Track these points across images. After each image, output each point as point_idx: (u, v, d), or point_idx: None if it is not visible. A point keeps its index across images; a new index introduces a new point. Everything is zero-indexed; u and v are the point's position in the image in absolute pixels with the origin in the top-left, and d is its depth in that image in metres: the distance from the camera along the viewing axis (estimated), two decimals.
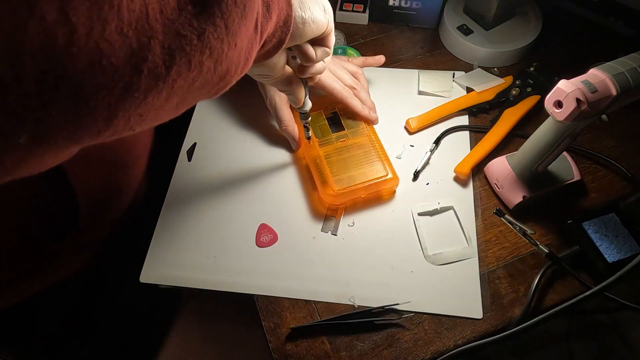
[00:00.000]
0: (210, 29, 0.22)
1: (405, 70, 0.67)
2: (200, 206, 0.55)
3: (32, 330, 0.52)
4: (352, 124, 0.57)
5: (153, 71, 0.20)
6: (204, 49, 0.22)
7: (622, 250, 0.48)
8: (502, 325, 0.47)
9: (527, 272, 0.50)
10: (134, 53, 0.19)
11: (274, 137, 0.61)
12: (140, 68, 0.19)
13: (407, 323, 0.48)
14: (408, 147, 0.59)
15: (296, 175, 0.58)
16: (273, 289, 0.50)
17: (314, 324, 0.47)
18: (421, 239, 0.52)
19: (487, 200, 0.55)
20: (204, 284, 0.50)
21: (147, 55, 0.20)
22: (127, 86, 0.19)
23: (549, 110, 0.42)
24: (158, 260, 0.52)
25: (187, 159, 0.59)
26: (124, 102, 0.20)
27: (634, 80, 0.39)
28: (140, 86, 0.20)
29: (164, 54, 0.20)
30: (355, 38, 0.72)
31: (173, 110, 0.25)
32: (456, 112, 0.61)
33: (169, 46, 0.20)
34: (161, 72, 0.21)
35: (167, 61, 0.21)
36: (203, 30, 0.22)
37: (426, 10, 0.70)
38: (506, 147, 0.58)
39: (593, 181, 0.56)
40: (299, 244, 0.52)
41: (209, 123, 0.62)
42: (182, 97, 0.24)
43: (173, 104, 0.24)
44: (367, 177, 0.52)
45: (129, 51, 0.19)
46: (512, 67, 0.67)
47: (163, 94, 0.22)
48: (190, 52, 0.22)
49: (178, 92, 0.23)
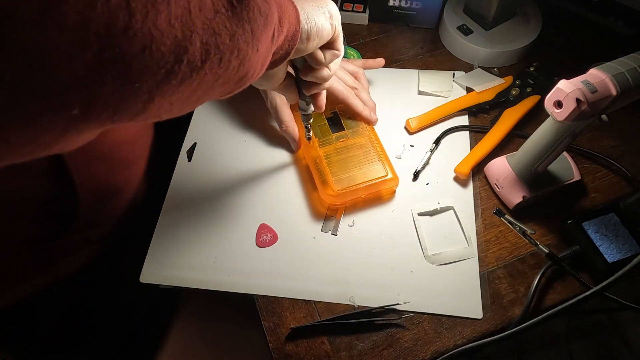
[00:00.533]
0: (240, 32, 0.25)
1: (405, 70, 0.67)
2: (200, 206, 0.55)
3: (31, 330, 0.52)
4: (352, 124, 0.57)
5: (191, 63, 0.22)
6: (233, 49, 0.25)
7: (622, 250, 0.48)
8: (502, 325, 0.47)
9: (527, 272, 0.50)
10: (178, 43, 0.21)
11: (274, 138, 0.61)
12: (181, 58, 0.21)
13: (407, 323, 0.48)
14: (408, 147, 0.59)
15: (296, 176, 0.58)
16: (273, 289, 0.50)
17: (314, 324, 0.47)
18: (421, 239, 0.52)
19: (487, 200, 0.55)
20: (204, 284, 0.50)
21: (188, 48, 0.22)
22: (168, 73, 0.21)
23: (549, 110, 0.42)
24: (158, 260, 0.52)
25: (187, 159, 0.59)
26: (162, 88, 0.22)
27: (634, 80, 0.39)
28: (178, 75, 0.22)
29: (202, 48, 0.22)
30: (355, 38, 0.72)
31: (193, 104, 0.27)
32: (456, 112, 0.61)
33: (206, 42, 0.22)
34: (197, 64, 0.23)
35: (203, 55, 0.23)
36: (234, 32, 0.24)
37: (426, 10, 0.70)
38: (506, 147, 0.58)
39: (593, 181, 0.56)
40: (299, 244, 0.52)
41: (209, 123, 0.62)
42: (204, 91, 0.26)
43: (196, 97, 0.25)
44: (367, 177, 0.52)
45: (174, 41, 0.21)
46: (512, 67, 0.67)
47: (193, 85, 0.23)
48: (222, 50, 0.24)
49: (204, 86, 0.25)
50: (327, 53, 0.40)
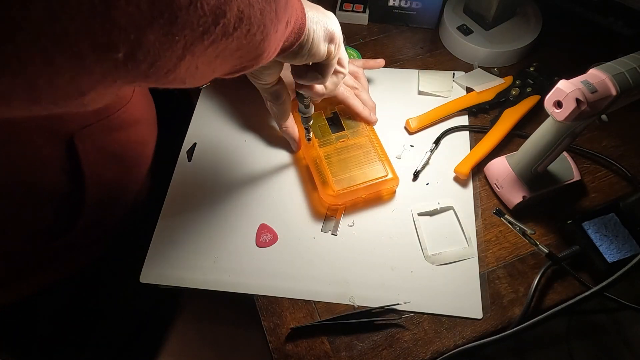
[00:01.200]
0: (267, 9, 0.26)
1: (405, 70, 0.67)
2: (200, 206, 0.55)
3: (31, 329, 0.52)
4: (352, 124, 0.57)
5: (225, 27, 0.23)
6: (260, 24, 0.26)
7: (622, 250, 0.48)
8: (502, 325, 0.47)
9: (527, 272, 0.50)
10: (219, 5, 0.22)
11: (274, 138, 0.61)
12: (218, 21, 0.22)
13: (407, 323, 0.48)
14: (408, 147, 0.59)
15: (296, 176, 0.58)
16: (273, 289, 0.50)
17: (314, 324, 0.47)
18: (421, 239, 0.52)
19: (487, 200, 0.55)
20: (204, 284, 0.50)
21: (226, 12, 0.23)
22: (204, 32, 0.22)
23: (548, 110, 0.42)
24: (158, 260, 0.52)
25: (187, 159, 0.59)
26: (195, 46, 0.22)
27: (634, 80, 0.39)
28: (211, 36, 0.23)
29: (237, 16, 0.23)
30: (355, 38, 0.72)
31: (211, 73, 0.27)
32: (456, 112, 0.61)
33: (242, 10, 0.24)
34: (229, 30, 0.24)
35: (236, 23, 0.24)
36: (263, 7, 0.26)
37: (426, 10, 0.70)
38: (506, 147, 0.58)
39: (593, 181, 0.56)
40: (299, 244, 0.52)
41: (209, 123, 0.62)
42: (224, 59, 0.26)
43: (216, 63, 0.26)
44: (367, 177, 0.52)
45: (217, 2, 0.22)
46: (512, 67, 0.67)
47: (219, 49, 0.24)
48: (252, 22, 0.25)
49: (226, 53, 0.26)
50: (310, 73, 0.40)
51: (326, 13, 0.38)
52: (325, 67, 0.40)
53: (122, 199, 0.53)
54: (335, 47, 0.39)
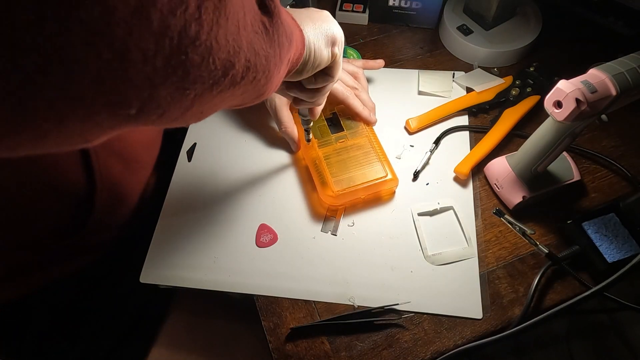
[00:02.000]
0: (272, 54, 0.26)
1: (405, 70, 0.67)
2: (200, 206, 0.55)
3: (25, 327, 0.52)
4: (352, 125, 0.57)
5: (234, 77, 0.23)
6: (265, 70, 0.26)
7: (622, 250, 0.48)
8: (502, 325, 0.47)
9: (527, 272, 0.50)
10: (229, 58, 0.22)
11: (273, 138, 0.61)
12: (227, 72, 0.23)
13: (407, 323, 0.48)
14: (408, 147, 0.59)
15: (296, 176, 0.58)
16: (273, 289, 0.50)
17: (313, 324, 0.47)
18: (421, 239, 0.52)
19: (487, 200, 0.55)
20: (204, 284, 0.50)
21: (235, 63, 0.23)
22: (214, 84, 0.22)
23: (548, 110, 0.42)
24: (158, 260, 0.52)
25: (187, 159, 0.59)
26: (204, 97, 0.23)
27: (634, 80, 0.39)
28: (220, 87, 0.23)
29: (245, 66, 0.24)
30: (355, 38, 0.72)
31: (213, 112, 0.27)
32: (456, 112, 0.61)
33: (248, 60, 0.24)
34: (237, 80, 0.24)
35: (244, 72, 0.24)
36: (268, 53, 0.26)
37: (426, 10, 0.70)
38: (506, 147, 0.58)
39: (593, 181, 0.56)
40: (298, 244, 0.52)
41: (209, 123, 0.62)
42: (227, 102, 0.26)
43: (220, 106, 0.26)
44: (366, 178, 0.52)
45: (227, 56, 0.22)
46: (512, 67, 0.67)
47: (225, 96, 0.25)
48: (258, 70, 0.25)
49: (230, 98, 0.26)
50: (320, 78, 0.40)
51: (322, 16, 0.38)
52: (332, 68, 0.40)
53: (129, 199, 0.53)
54: (339, 48, 0.38)
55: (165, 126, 0.24)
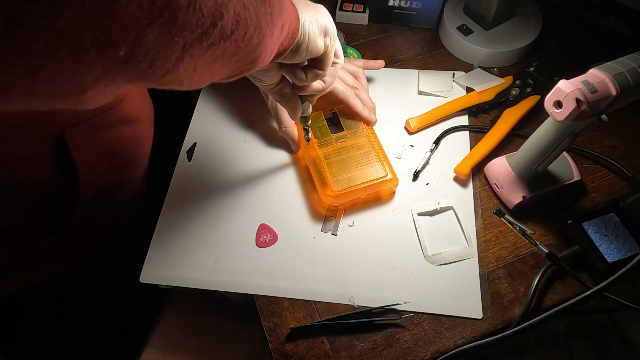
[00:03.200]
0: (262, 12, 0.27)
1: (405, 70, 0.67)
2: (200, 206, 0.55)
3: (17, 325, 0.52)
4: (352, 125, 0.57)
5: (222, 29, 0.24)
6: (256, 27, 0.26)
7: (622, 250, 0.48)
8: (502, 325, 0.47)
9: (527, 272, 0.50)
10: (217, 7, 0.23)
11: (273, 138, 0.61)
12: (216, 22, 0.23)
13: (407, 323, 0.48)
14: (408, 147, 0.59)
15: (296, 176, 0.58)
16: (273, 289, 0.50)
17: (314, 324, 0.47)
18: (421, 239, 0.52)
19: (487, 200, 0.55)
20: (204, 284, 0.50)
21: (224, 15, 0.23)
22: (203, 34, 0.23)
23: (548, 110, 0.42)
24: (158, 260, 0.52)
25: (187, 159, 0.59)
26: (194, 47, 0.23)
27: (634, 80, 0.39)
28: (209, 38, 0.23)
29: (233, 19, 0.24)
30: (355, 38, 0.72)
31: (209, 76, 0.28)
32: (456, 112, 0.61)
33: (238, 13, 0.24)
34: (226, 32, 0.24)
35: (233, 25, 0.24)
36: (258, 10, 0.26)
37: (426, 10, 0.70)
38: (506, 147, 0.58)
39: (593, 181, 0.56)
40: (298, 244, 0.52)
41: (209, 123, 0.62)
42: (222, 62, 0.27)
43: (215, 67, 0.27)
44: (366, 177, 0.52)
45: (214, 4, 0.22)
46: (512, 67, 0.67)
47: (217, 53, 0.25)
48: (248, 25, 0.26)
49: (224, 56, 0.26)
50: (310, 73, 0.40)
51: (317, 7, 0.39)
52: (323, 61, 0.40)
53: (119, 197, 0.53)
54: (330, 40, 0.39)
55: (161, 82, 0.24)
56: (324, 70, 0.41)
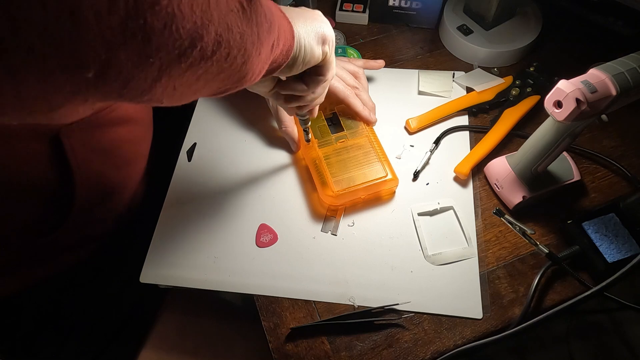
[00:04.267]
0: (248, 32, 0.26)
1: (405, 70, 0.67)
2: (200, 206, 0.55)
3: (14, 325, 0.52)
4: (352, 125, 0.57)
5: (203, 50, 0.23)
6: (240, 47, 0.26)
7: (622, 250, 0.48)
8: (502, 325, 0.47)
9: (527, 272, 0.50)
10: (196, 29, 0.22)
11: (273, 138, 0.61)
12: (195, 44, 0.22)
13: (407, 323, 0.48)
14: (408, 147, 0.59)
15: (296, 176, 0.58)
16: (273, 289, 0.50)
17: (314, 324, 0.47)
18: (421, 239, 0.52)
19: (487, 200, 0.55)
20: (204, 284, 0.50)
21: (203, 35, 0.23)
22: (180, 55, 0.22)
23: (548, 110, 0.42)
24: (158, 260, 0.52)
25: (187, 159, 0.59)
26: (172, 68, 0.22)
27: (634, 80, 0.39)
28: (188, 59, 0.23)
29: (215, 39, 0.24)
30: (355, 38, 0.72)
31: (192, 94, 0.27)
32: (456, 112, 0.61)
33: (220, 34, 0.24)
34: (207, 54, 0.24)
35: (214, 46, 0.24)
36: (243, 31, 0.26)
37: (426, 10, 0.70)
38: (506, 147, 0.58)
39: (593, 181, 0.56)
40: (298, 244, 0.52)
41: (209, 123, 0.62)
42: (205, 82, 0.26)
43: (197, 86, 0.26)
44: (366, 178, 0.52)
45: (193, 26, 0.22)
46: (512, 67, 0.67)
47: (198, 73, 0.24)
48: (231, 45, 0.25)
49: (207, 77, 0.26)
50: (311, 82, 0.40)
51: (313, 15, 0.38)
52: (323, 67, 0.40)
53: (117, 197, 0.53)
54: (329, 47, 0.39)
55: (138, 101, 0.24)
56: (325, 76, 0.41)
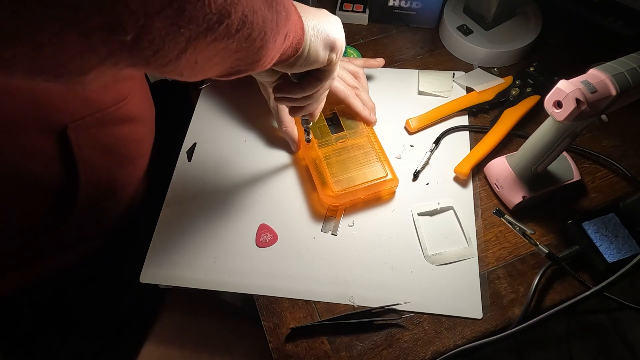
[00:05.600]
0: (269, 18, 0.28)
1: (405, 70, 0.67)
2: (200, 206, 0.55)
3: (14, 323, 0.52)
4: (352, 125, 0.57)
5: (228, 28, 0.24)
6: (260, 31, 0.27)
7: (622, 250, 0.48)
8: (502, 325, 0.47)
9: (527, 272, 0.50)
10: (225, 6, 0.23)
11: (273, 138, 0.61)
12: (222, 20, 0.23)
13: (407, 323, 0.48)
14: (408, 147, 0.59)
15: (296, 176, 0.58)
16: (273, 289, 0.50)
17: (314, 324, 0.47)
18: (421, 239, 0.52)
19: (487, 200, 0.55)
20: (204, 284, 0.50)
21: (231, 13, 0.24)
22: (208, 29, 0.23)
23: (548, 110, 0.42)
24: (158, 260, 0.52)
25: (187, 159, 0.59)
26: (198, 41, 0.23)
27: (634, 81, 0.39)
28: (214, 34, 0.24)
29: (241, 19, 0.25)
30: (355, 38, 0.72)
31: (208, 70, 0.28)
32: (456, 112, 0.61)
33: (245, 15, 0.25)
34: (231, 31, 0.25)
35: (239, 25, 0.25)
36: (265, 16, 0.27)
37: (426, 10, 0.70)
38: (506, 147, 0.58)
39: (593, 181, 0.56)
40: (298, 244, 0.52)
41: (209, 123, 0.62)
42: (222, 58, 0.27)
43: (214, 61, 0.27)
44: (366, 178, 0.52)
45: (223, 3, 0.23)
46: (512, 67, 0.67)
47: (218, 48, 0.25)
48: (253, 27, 0.26)
49: (225, 53, 0.27)
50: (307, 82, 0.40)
51: (330, 19, 0.37)
52: (324, 72, 0.39)
53: (118, 195, 0.53)
54: (336, 56, 0.38)
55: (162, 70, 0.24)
56: (322, 82, 0.40)
